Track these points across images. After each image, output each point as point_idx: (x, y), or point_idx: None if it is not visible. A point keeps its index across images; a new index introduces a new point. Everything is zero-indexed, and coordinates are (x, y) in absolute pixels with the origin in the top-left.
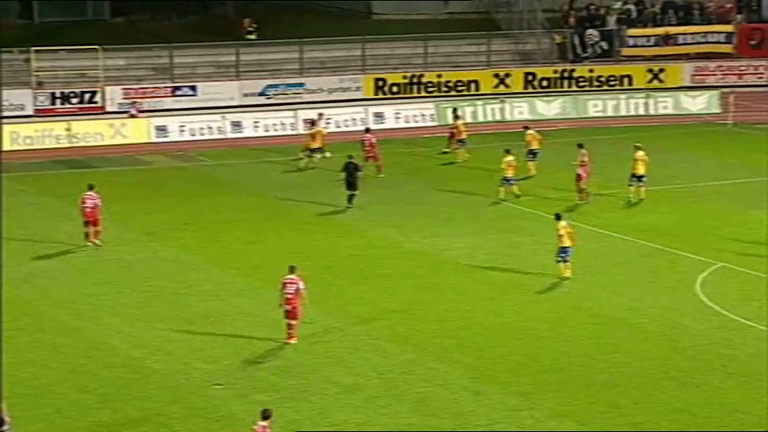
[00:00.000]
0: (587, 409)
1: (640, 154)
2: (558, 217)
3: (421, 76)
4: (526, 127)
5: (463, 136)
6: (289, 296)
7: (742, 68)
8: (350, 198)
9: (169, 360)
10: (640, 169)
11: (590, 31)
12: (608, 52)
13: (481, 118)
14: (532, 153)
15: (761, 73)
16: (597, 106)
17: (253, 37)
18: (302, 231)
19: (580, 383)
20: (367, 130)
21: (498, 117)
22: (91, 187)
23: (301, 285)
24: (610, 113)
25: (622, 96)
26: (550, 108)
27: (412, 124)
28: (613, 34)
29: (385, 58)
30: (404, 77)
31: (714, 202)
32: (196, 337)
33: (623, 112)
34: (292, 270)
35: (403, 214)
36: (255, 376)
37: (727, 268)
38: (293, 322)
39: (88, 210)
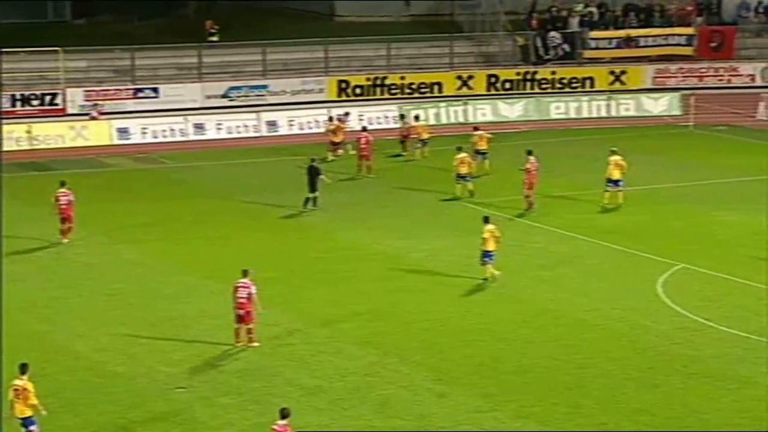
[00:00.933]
0: (550, 410)
1: (616, 158)
2: (486, 220)
3: (385, 78)
4: (476, 128)
5: (425, 136)
6: (242, 300)
7: (703, 70)
8: (307, 200)
9: (132, 363)
10: (616, 174)
11: (552, 33)
12: (570, 54)
13: (444, 120)
14: (480, 153)
15: (721, 75)
16: (559, 108)
17: (215, 38)
18: (267, 233)
19: (543, 384)
20: (364, 129)
21: (461, 119)
22: (63, 184)
23: (253, 289)
24: (572, 115)
25: (584, 98)
26: (512, 110)
27: (376, 126)
28: (575, 37)
29: (348, 60)
30: (367, 79)
31: (676, 203)
32: (159, 340)
33: (585, 114)
34: (245, 274)
35: (368, 216)
36: (218, 379)
37: (688, 269)
38: (249, 326)
39: (63, 206)
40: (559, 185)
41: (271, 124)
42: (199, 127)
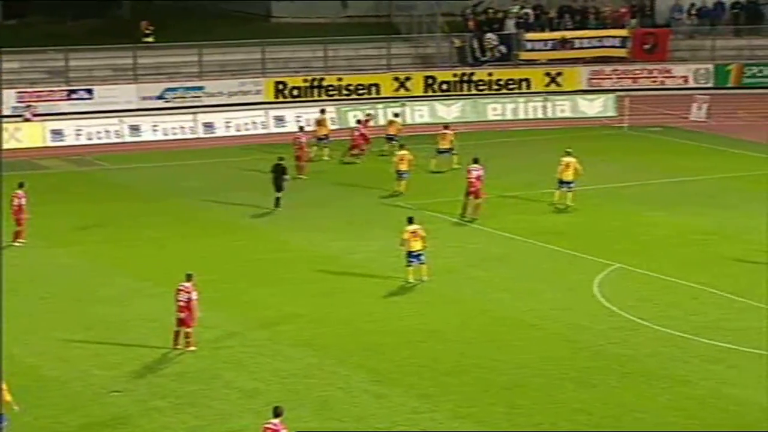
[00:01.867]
0: (487, 411)
1: (569, 159)
2: (410, 221)
3: (322, 79)
4: (446, 126)
5: (392, 131)
6: (181, 304)
7: (637, 72)
8: (277, 201)
9: (67, 367)
10: (568, 175)
11: (489, 35)
12: (507, 56)
13: (382, 122)
14: (441, 152)
15: (655, 77)
16: (496, 110)
17: (150, 39)
18: (205, 235)
19: (481, 385)
20: (301, 129)
21: (399, 121)
22: (21, 185)
23: (194, 294)
24: (509, 116)
25: (521, 99)
26: (450, 111)
27: (314, 127)
28: (511, 38)
29: (285, 61)
30: (305, 80)
31: (611, 204)
32: (95, 344)
33: (522, 116)
34: (188, 278)
35: (307, 218)
36: (154, 382)
37: (624, 269)
38: (187, 330)
39: (16, 208)
40: (497, 186)
41: (208, 126)
42: (134, 128)
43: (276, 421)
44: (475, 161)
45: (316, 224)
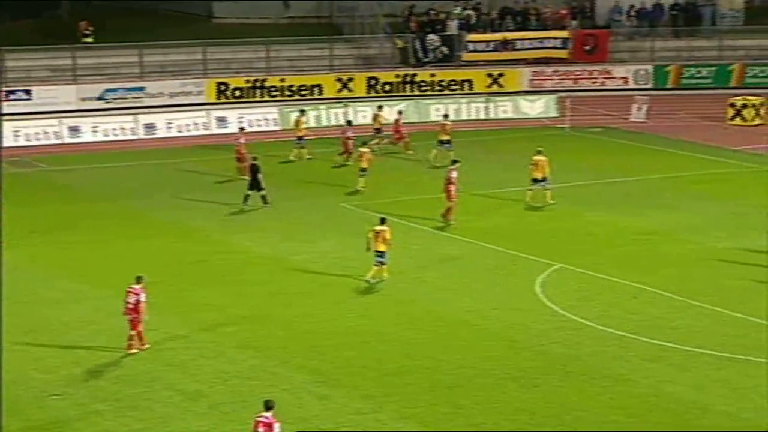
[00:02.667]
0: (430, 411)
1: (539, 158)
2: (382, 221)
3: (264, 80)
4: (446, 116)
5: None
6: (130, 306)
7: (578, 73)
8: (247, 197)
9: (6, 371)
10: (539, 173)
11: (431, 36)
12: (449, 57)
13: (325, 122)
14: (442, 143)
15: (595, 78)
16: (439, 110)
17: (90, 40)
18: (147, 237)
19: (424, 385)
20: (241, 129)
21: (342, 121)
22: None
23: (142, 297)
24: (451, 117)
25: (463, 100)
26: (392, 112)
27: (256, 129)
28: (453, 40)
29: (227, 62)
30: (247, 81)
31: (553, 204)
32: (35, 346)
33: (464, 116)
34: (138, 280)
35: (252, 220)
36: (95, 385)
37: (565, 269)
38: (132, 332)
39: None
40: (439, 187)
41: (149, 127)
42: (74, 129)
43: (268, 414)
44: (454, 162)
45: (261, 225)
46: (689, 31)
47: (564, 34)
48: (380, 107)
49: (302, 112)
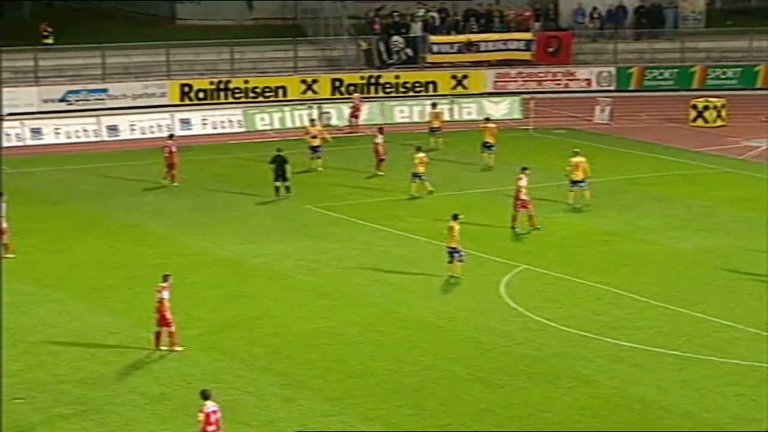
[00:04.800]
0: (395, 413)
1: (578, 159)
2: (455, 217)
3: (228, 82)
4: (488, 119)
5: (436, 124)
6: (157, 305)
7: (541, 75)
8: (278, 189)
9: None
10: (579, 175)
11: (395, 38)
12: (413, 58)
13: (289, 124)
14: (487, 147)
15: (559, 80)
16: (403, 112)
17: (50, 41)
18: (108, 240)
19: (389, 387)
20: (171, 137)
21: (306, 122)
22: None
23: (164, 295)
24: (416, 119)
25: (428, 102)
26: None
27: (220, 131)
28: (417, 41)
29: (190, 63)
30: (211, 83)
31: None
32: None
33: (429, 118)
34: (164, 278)
35: (212, 222)
36: (58, 389)
37: (530, 270)
38: (157, 329)
39: None
40: (402, 188)
41: (112, 129)
42: (36, 131)
43: (211, 402)
44: (524, 169)
45: (223, 228)
46: (651, 34)
47: (527, 36)
48: (434, 105)
49: (313, 121)
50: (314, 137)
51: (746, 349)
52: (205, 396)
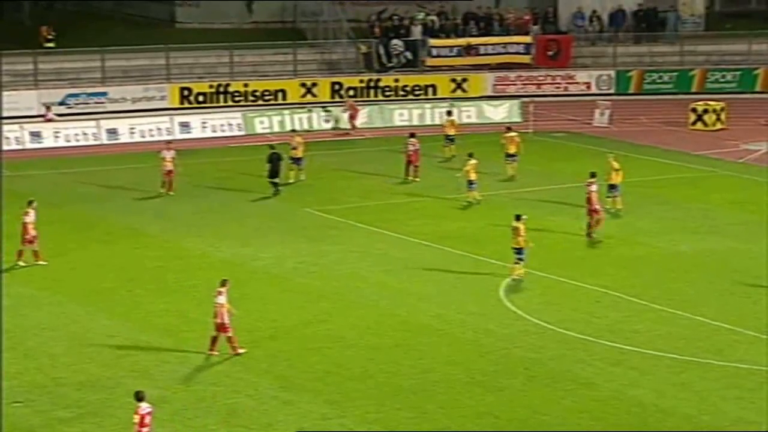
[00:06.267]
0: (395, 415)
1: (614, 164)
2: (518, 218)
3: (228, 85)
4: (509, 128)
5: (452, 132)
6: (215, 309)
7: (541, 78)
8: (276, 186)
9: None
10: (617, 179)
11: (395, 41)
12: (413, 62)
13: (288, 128)
14: (509, 156)
15: (558, 83)
16: (403, 116)
17: (52, 45)
18: (108, 243)
19: (388, 390)
20: (169, 142)
21: (306, 126)
22: (30, 203)
23: (220, 299)
24: (415, 122)
25: (427, 105)
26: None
27: (219, 134)
28: (417, 45)
29: (189, 67)
30: (210, 86)
31: (516, 208)
32: None
33: (428, 121)
34: (222, 283)
35: (211, 225)
36: (56, 392)
37: (529, 273)
38: (224, 334)
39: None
40: (401, 191)
41: (112, 132)
42: (35, 135)
43: (145, 404)
44: (593, 175)
45: (222, 230)
46: (651, 37)
47: (527, 39)
48: (449, 113)
49: (294, 131)
50: (294, 148)
51: (745, 352)
52: (139, 398)
